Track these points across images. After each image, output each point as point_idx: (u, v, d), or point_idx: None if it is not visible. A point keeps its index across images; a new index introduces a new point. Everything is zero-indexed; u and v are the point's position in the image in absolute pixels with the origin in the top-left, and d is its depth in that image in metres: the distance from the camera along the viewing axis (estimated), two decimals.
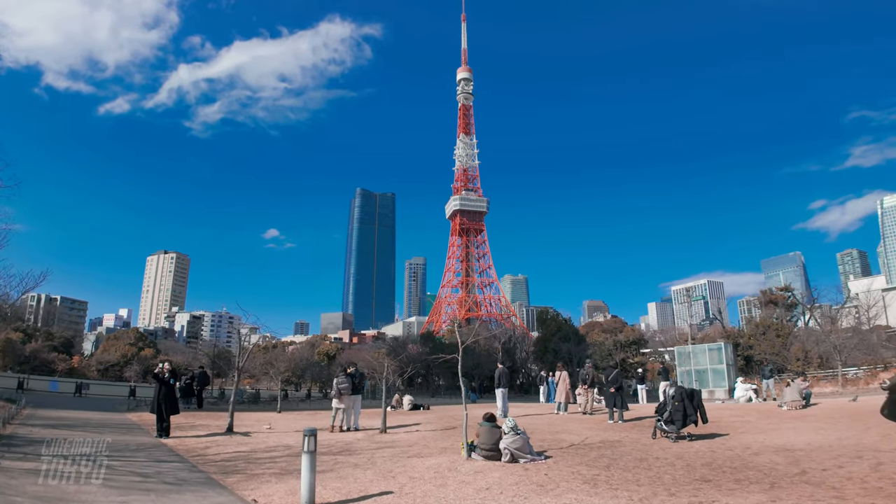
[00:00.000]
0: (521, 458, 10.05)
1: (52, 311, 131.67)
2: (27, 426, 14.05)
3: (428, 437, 14.00)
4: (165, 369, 13.94)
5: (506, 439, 10.30)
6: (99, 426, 14.62)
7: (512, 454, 10.12)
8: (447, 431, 15.18)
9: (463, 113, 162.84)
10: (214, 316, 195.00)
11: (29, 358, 67.70)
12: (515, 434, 10.37)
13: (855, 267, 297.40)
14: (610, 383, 17.55)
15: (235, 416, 20.71)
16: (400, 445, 12.42)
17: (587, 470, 9.12)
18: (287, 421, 19.02)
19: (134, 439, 12.90)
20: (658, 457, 10.33)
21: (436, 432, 15.04)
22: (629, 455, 10.65)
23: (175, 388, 13.82)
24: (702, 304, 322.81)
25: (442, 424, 16.95)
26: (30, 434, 12.58)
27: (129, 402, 27.70)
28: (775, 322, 53.59)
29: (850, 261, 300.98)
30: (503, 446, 10.22)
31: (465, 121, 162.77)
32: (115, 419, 18.19)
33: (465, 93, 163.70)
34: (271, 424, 16.87)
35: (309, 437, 7.10)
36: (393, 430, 15.62)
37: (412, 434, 14.76)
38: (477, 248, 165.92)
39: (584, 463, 9.85)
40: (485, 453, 10.37)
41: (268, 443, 12.86)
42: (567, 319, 61.55)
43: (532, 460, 10.05)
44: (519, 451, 10.17)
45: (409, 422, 17.84)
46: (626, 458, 10.37)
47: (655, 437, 12.94)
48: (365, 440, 13.55)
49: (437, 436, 14.26)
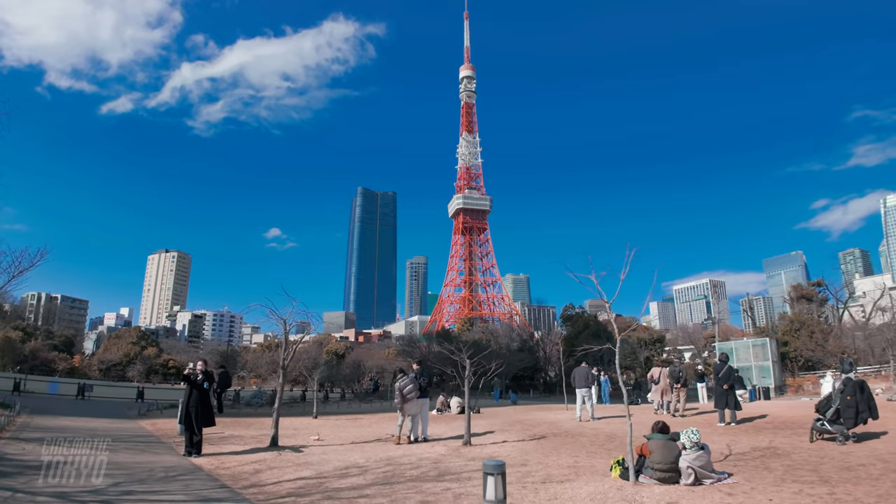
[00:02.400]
0: (706, 479, 7.49)
1: (53, 309, 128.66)
2: (20, 441, 11.07)
3: (530, 451, 11.03)
4: (198, 369, 10.96)
5: (687, 456, 7.72)
6: (109, 438, 11.62)
7: (696, 474, 7.48)
8: (543, 442, 12.20)
9: (466, 111, 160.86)
10: (216, 315, 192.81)
11: (28, 357, 65.00)
12: (699, 449, 7.72)
13: (857, 266, 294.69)
14: (721, 380, 14.83)
15: (261, 423, 17.80)
16: (511, 464, 9.45)
17: (800, 489, 6.98)
18: (331, 428, 16.05)
19: (157, 459, 9.91)
20: (857, 464, 8.34)
21: (529, 443, 12.07)
22: (813, 464, 8.64)
23: (210, 394, 10.80)
24: (703, 304, 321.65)
25: (525, 433, 13.95)
26: (22, 454, 9.61)
27: (139, 406, 24.71)
28: (810, 318, 51.57)
29: (853, 260, 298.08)
30: (685, 464, 7.57)
31: (468, 119, 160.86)
32: (127, 428, 15.18)
33: (468, 90, 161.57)
34: (319, 434, 13.84)
35: (496, 476, 4.14)
36: (475, 439, 12.64)
37: (504, 447, 11.76)
38: (480, 247, 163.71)
39: (781, 479, 7.62)
40: (660, 475, 7.59)
41: (332, 462, 9.87)
42: (595, 317, 58.55)
43: (718, 480, 7.54)
44: (703, 470, 7.59)
45: (478, 430, 14.85)
46: (826, 467, 8.29)
47: (813, 440, 10.78)
48: (454, 456, 10.56)
49: (539, 448, 11.26)
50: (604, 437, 13.01)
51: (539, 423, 16.85)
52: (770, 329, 57.49)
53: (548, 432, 13.98)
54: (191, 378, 10.69)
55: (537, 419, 17.87)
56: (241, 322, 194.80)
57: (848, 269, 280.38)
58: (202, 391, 10.63)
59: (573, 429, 14.70)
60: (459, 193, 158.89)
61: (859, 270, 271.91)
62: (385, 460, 10.15)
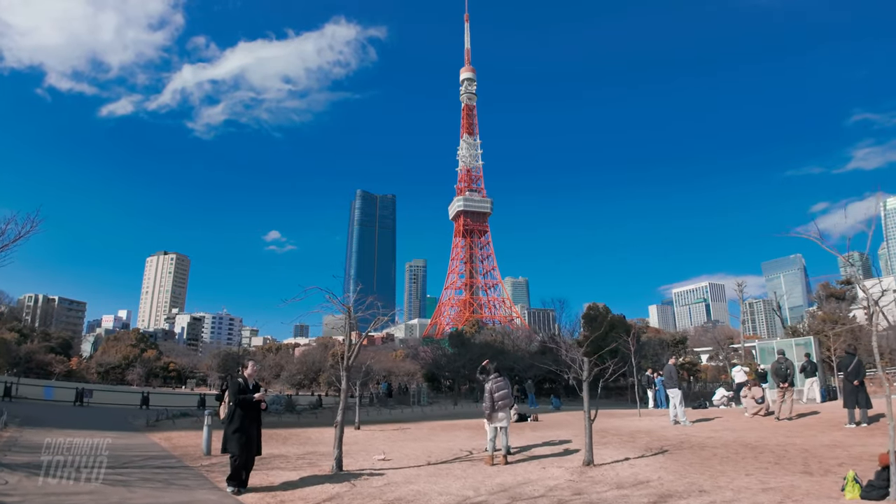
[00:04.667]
0: None
1: (50, 311, 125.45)
2: (2, 468, 8.24)
3: (680, 471, 8.25)
4: (252, 372, 8.09)
5: None
6: (118, 464, 8.81)
7: None
8: (677, 457, 9.33)
9: (466, 113, 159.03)
10: (215, 318, 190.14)
11: (24, 359, 62.20)
12: None
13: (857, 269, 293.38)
14: (850, 375, 12.47)
15: (296, 435, 15.00)
16: (681, 493, 6.66)
17: None
18: (385, 442, 13.25)
19: (192, 500, 7.08)
20: None
21: (661, 459, 9.19)
22: None
23: (260, 408, 7.92)
24: (702, 307, 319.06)
25: (637, 446, 11.07)
26: (3, 490, 6.79)
27: (147, 415, 21.83)
28: (841, 316, 49.89)
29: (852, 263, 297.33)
30: None
31: (469, 121, 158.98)
32: (138, 446, 12.33)
33: (469, 93, 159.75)
34: (384, 453, 11.02)
35: None
36: (577, 455, 9.84)
37: (637, 465, 8.90)
38: (481, 250, 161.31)
39: None
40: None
41: (432, 498, 7.07)
42: (622, 317, 55.86)
43: None
44: None
45: (567, 442, 12.08)
46: None
47: None
48: (589, 481, 7.76)
49: (687, 467, 8.39)
50: (739, 447, 10.46)
51: (632, 431, 14.08)
52: (803, 329, 55.44)
53: (663, 444, 11.21)
54: (242, 386, 7.80)
55: (623, 427, 15.11)
56: (240, 324, 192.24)
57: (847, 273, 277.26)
58: (256, 408, 7.80)
59: (689, 438, 11.88)
60: (460, 196, 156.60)
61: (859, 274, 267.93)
62: (502, 491, 7.44)
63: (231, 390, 7.64)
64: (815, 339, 29.83)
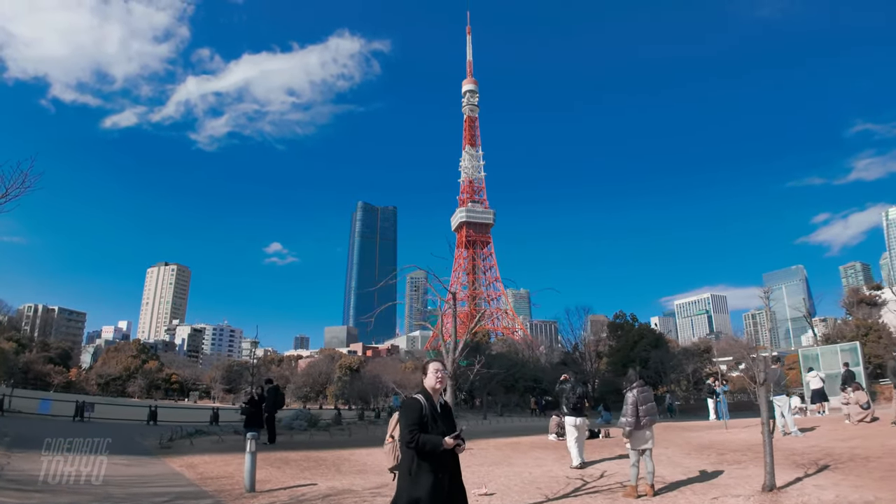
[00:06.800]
0: None
1: (50, 321, 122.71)
2: None
3: (872, 490, 5.67)
4: (437, 382, 4.13)
5: None
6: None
7: None
8: (847, 474, 6.81)
9: (469, 124, 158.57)
10: (216, 329, 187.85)
11: (22, 370, 59.64)
12: None
13: (858, 279, 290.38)
14: None
15: (339, 458, 12.29)
16: None
17: None
18: (468, 469, 10.64)
19: None
20: None
21: (832, 474, 6.67)
22: None
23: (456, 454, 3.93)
24: (705, 318, 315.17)
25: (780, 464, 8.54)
26: None
27: (157, 431, 19.17)
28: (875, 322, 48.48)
29: (854, 273, 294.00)
30: None
31: (471, 132, 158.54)
32: (157, 476, 9.73)
33: (471, 104, 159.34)
34: (485, 485, 8.43)
35: None
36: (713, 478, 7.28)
37: (826, 492, 6.36)
38: (483, 261, 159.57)
39: None
40: None
41: None
42: (649, 326, 53.19)
43: None
44: None
45: (678, 464, 9.51)
46: None
47: None
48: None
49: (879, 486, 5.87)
50: None
51: (742, 446, 11.70)
52: (837, 335, 53.50)
53: (807, 459, 8.63)
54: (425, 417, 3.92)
55: (719, 441, 12.84)
56: (240, 336, 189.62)
57: (849, 283, 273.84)
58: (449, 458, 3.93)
59: (832, 451, 9.27)
60: (462, 207, 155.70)
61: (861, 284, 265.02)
62: None
63: (406, 420, 3.85)
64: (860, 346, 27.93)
